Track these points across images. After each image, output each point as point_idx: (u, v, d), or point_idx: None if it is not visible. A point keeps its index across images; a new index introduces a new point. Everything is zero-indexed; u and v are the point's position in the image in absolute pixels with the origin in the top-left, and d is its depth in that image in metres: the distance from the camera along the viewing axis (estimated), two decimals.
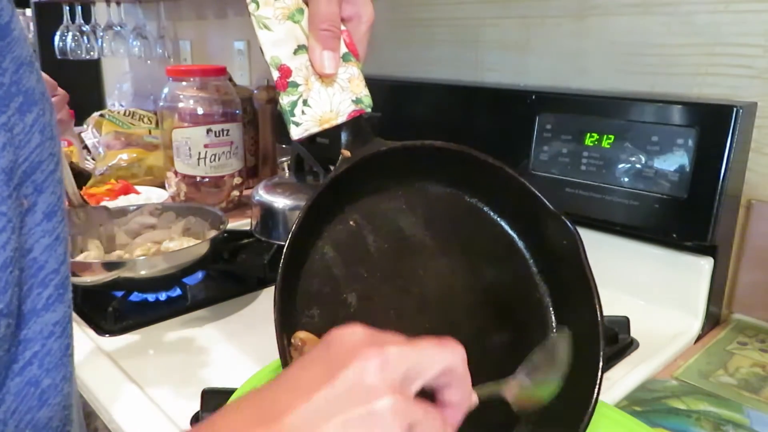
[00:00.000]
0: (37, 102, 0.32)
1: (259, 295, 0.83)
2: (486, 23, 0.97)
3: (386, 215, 0.50)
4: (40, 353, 0.32)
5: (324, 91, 0.45)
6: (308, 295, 0.47)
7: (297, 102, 0.44)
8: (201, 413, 0.56)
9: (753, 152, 0.72)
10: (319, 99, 0.45)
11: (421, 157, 0.49)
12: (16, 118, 0.30)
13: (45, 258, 0.32)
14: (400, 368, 0.29)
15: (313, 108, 0.45)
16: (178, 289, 0.82)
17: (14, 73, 0.30)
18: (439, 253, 0.51)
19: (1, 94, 0.29)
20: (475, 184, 0.51)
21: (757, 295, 0.73)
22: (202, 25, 1.70)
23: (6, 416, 0.31)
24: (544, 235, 0.50)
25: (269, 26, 0.45)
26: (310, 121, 0.45)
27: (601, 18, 0.83)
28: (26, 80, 0.31)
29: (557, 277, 0.50)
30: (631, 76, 0.81)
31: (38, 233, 0.32)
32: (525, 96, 0.84)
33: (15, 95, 0.30)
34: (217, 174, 1.14)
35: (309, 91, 0.45)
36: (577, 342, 0.45)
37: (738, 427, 0.54)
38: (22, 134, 0.31)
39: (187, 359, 0.68)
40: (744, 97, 0.71)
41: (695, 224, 0.69)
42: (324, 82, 0.45)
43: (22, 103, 0.31)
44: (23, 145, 0.31)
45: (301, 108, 0.45)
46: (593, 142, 0.77)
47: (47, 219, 0.32)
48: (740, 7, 0.71)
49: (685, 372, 0.63)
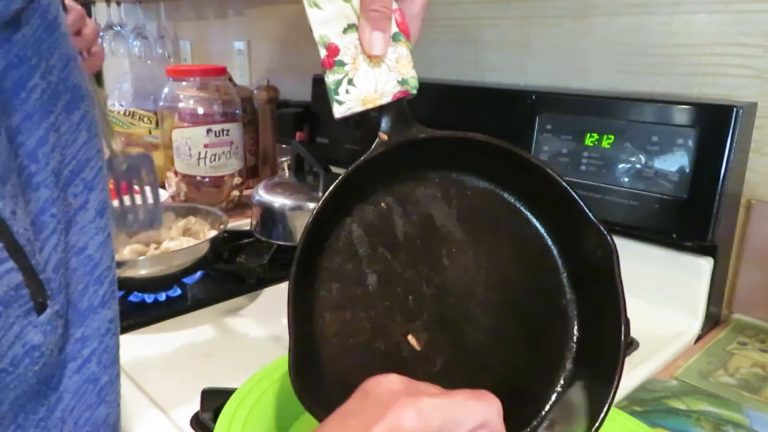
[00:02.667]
0: (83, 98, 0.31)
1: (259, 295, 0.83)
2: (486, 23, 0.97)
3: (419, 202, 0.50)
4: (98, 350, 0.32)
5: (370, 71, 0.44)
6: (329, 270, 0.48)
7: (342, 81, 0.44)
8: (201, 413, 0.56)
9: (753, 152, 0.72)
10: (364, 79, 0.44)
11: (462, 148, 0.49)
12: (63, 117, 0.30)
13: (99, 255, 0.32)
14: (436, 420, 0.28)
15: (357, 88, 0.44)
16: (178, 289, 0.82)
17: (61, 70, 0.30)
18: (468, 247, 0.50)
19: (49, 93, 0.29)
20: (515, 182, 0.50)
21: (757, 295, 0.73)
22: (202, 25, 1.70)
23: (64, 414, 0.31)
24: (580, 242, 0.48)
25: (319, 4, 0.44)
26: (354, 101, 0.45)
27: (601, 18, 0.83)
28: (72, 76, 0.31)
29: (586, 288, 0.49)
30: (631, 76, 0.81)
31: (92, 231, 0.32)
32: (525, 96, 0.84)
33: (62, 93, 0.30)
34: (217, 174, 1.14)
35: (355, 70, 0.44)
36: (595, 356, 0.45)
37: (738, 427, 0.54)
38: (68, 133, 0.30)
39: (186, 359, 0.68)
40: (744, 97, 0.71)
41: (695, 224, 0.69)
42: (371, 62, 0.44)
43: (69, 100, 0.30)
44: (70, 144, 0.30)
45: (345, 87, 0.44)
46: (593, 142, 0.77)
47: (99, 216, 0.32)
48: (740, 7, 0.71)
49: (685, 372, 0.63)
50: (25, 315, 0.27)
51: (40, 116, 0.28)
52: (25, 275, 0.27)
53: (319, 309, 0.47)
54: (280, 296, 0.84)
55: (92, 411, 0.32)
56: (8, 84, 0.27)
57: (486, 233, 0.51)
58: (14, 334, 0.27)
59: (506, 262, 0.50)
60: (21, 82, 0.27)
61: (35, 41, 0.28)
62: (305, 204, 0.92)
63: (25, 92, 0.27)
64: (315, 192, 0.93)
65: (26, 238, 0.27)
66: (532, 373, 0.48)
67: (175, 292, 0.82)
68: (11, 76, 0.27)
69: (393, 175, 0.49)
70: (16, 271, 0.26)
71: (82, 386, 0.32)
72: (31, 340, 0.27)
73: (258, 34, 1.49)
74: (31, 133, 0.28)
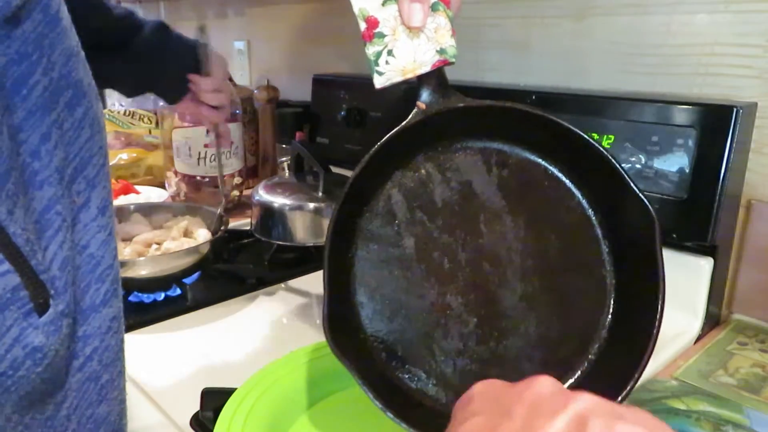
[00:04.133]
0: (85, 94, 0.31)
1: (259, 295, 0.83)
2: (486, 23, 0.97)
3: (459, 169, 0.51)
4: (99, 349, 0.32)
5: (410, 42, 0.45)
6: (368, 232, 0.50)
7: (381, 52, 0.45)
8: (201, 413, 0.56)
9: (753, 152, 0.72)
10: (404, 49, 0.45)
11: (502, 118, 0.50)
12: (65, 114, 0.29)
13: (101, 253, 0.32)
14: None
15: (397, 58, 0.45)
16: (178, 289, 0.82)
17: (63, 65, 0.29)
18: (506, 215, 0.51)
19: (51, 90, 0.28)
20: (556, 152, 0.51)
21: (757, 295, 0.73)
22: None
23: (69, 412, 0.31)
24: (622, 215, 0.49)
25: None
26: (393, 71, 0.46)
27: (601, 18, 0.83)
28: (75, 72, 0.30)
29: (625, 261, 0.50)
30: (631, 76, 0.81)
31: (94, 229, 0.31)
32: (525, 96, 0.84)
33: (64, 89, 0.29)
34: (217, 174, 1.14)
35: (395, 41, 0.45)
36: (630, 329, 0.46)
37: (738, 427, 0.54)
38: (72, 130, 0.30)
39: (186, 359, 0.68)
40: (744, 97, 0.71)
41: (695, 224, 0.69)
42: (411, 33, 0.45)
43: (71, 97, 0.30)
44: (73, 141, 0.30)
45: (385, 58, 0.45)
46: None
47: (101, 214, 0.32)
48: (740, 7, 0.71)
49: (685, 372, 0.63)
50: (25, 317, 0.27)
51: (42, 113, 0.28)
52: (23, 277, 0.26)
53: (357, 268, 0.49)
54: (280, 296, 0.84)
55: (93, 409, 0.32)
56: (8, 81, 0.26)
57: (526, 202, 0.51)
58: (12, 336, 0.26)
59: (545, 231, 0.51)
60: (22, 79, 0.27)
61: (36, 37, 0.27)
62: (305, 204, 0.92)
63: (26, 89, 0.27)
64: (315, 192, 0.93)
65: (24, 239, 0.27)
66: (564, 341, 0.49)
67: (175, 292, 0.82)
68: (12, 73, 0.26)
69: (433, 143, 0.51)
70: (12, 273, 0.26)
71: (83, 384, 0.32)
72: (32, 342, 0.27)
73: (258, 34, 1.49)
74: (33, 130, 0.27)
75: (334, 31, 1.23)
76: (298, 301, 0.83)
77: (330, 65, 1.24)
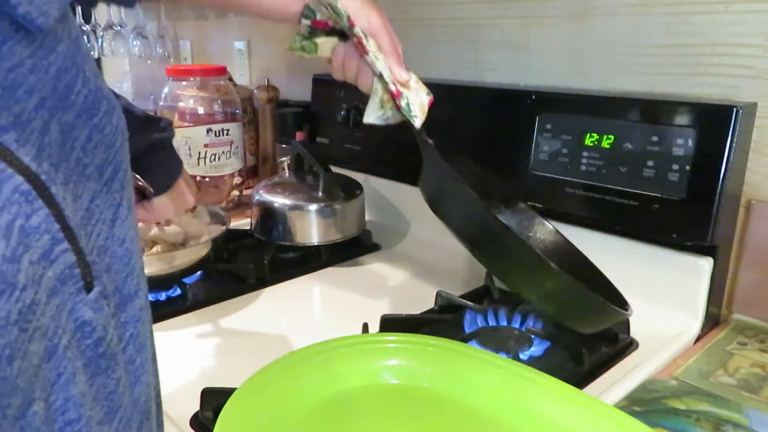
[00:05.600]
0: (115, 107, 0.35)
1: (259, 295, 0.83)
2: (486, 23, 0.97)
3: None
4: (134, 335, 0.36)
5: (414, 91, 0.65)
6: None
7: (408, 106, 0.64)
8: (201, 413, 0.56)
9: (753, 152, 0.72)
10: (415, 97, 0.64)
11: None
12: (105, 120, 0.34)
13: (133, 247, 0.36)
14: None
15: (415, 104, 0.64)
16: (178, 289, 0.82)
17: (95, 81, 0.34)
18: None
19: (91, 99, 0.33)
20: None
21: (757, 295, 0.73)
22: (202, 25, 1.70)
23: (123, 388, 0.35)
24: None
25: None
26: (419, 112, 0.64)
27: (601, 18, 0.83)
28: (105, 87, 0.34)
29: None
30: (631, 76, 0.81)
31: (127, 225, 0.36)
32: (525, 96, 0.84)
33: (101, 99, 0.33)
34: (217, 174, 1.14)
35: (407, 98, 0.64)
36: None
37: (737, 427, 0.54)
38: (111, 134, 0.34)
39: (186, 359, 0.68)
40: (744, 98, 0.71)
41: (695, 224, 0.69)
42: (407, 87, 0.64)
43: (107, 106, 0.34)
44: (112, 144, 0.34)
45: (409, 108, 0.64)
46: (593, 142, 0.77)
47: (130, 212, 0.36)
48: (740, 7, 0.71)
49: (685, 372, 0.63)
50: (78, 293, 0.31)
51: (87, 116, 0.32)
52: (77, 256, 0.30)
53: None
54: (280, 296, 0.84)
55: (132, 389, 0.36)
56: (61, 86, 0.31)
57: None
58: (68, 309, 0.30)
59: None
60: (69, 87, 0.31)
61: (71, 55, 0.32)
62: (305, 204, 0.92)
63: (74, 95, 0.31)
64: (315, 192, 0.93)
65: (75, 222, 0.31)
66: None
67: (175, 292, 0.82)
68: (63, 79, 0.31)
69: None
70: (70, 252, 0.30)
71: (126, 366, 0.36)
72: (83, 316, 0.31)
73: (258, 34, 1.49)
74: (81, 129, 0.32)
75: None
76: (298, 301, 0.83)
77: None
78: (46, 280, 0.28)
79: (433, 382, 0.58)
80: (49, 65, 0.30)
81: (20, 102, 0.28)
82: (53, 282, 0.29)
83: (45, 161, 0.29)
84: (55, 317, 0.29)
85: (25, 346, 0.27)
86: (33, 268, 0.27)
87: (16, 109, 0.28)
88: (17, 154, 0.27)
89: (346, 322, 0.71)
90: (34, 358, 0.28)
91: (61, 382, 0.30)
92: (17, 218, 0.27)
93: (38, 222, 0.28)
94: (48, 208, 0.28)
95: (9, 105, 0.28)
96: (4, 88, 0.28)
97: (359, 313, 0.74)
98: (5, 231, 0.26)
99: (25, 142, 0.28)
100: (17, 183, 0.27)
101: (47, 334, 0.29)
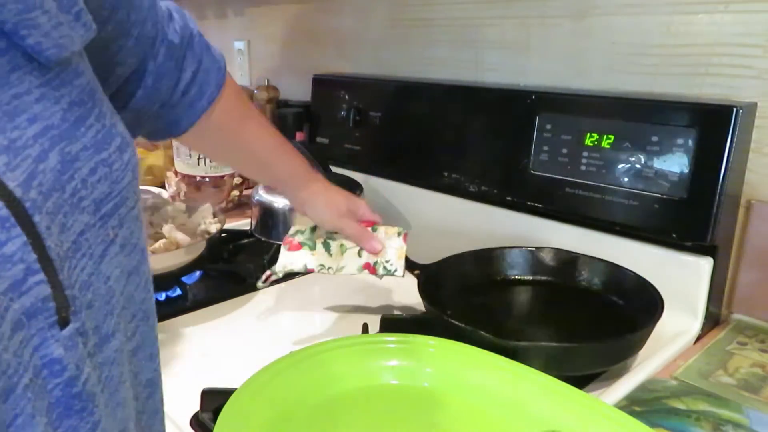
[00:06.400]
0: (129, 144, 0.35)
1: (259, 295, 0.83)
2: (486, 23, 0.97)
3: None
4: (108, 377, 0.34)
5: (388, 251, 0.69)
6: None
7: (385, 269, 0.68)
8: (201, 413, 0.56)
9: (753, 152, 0.72)
10: (391, 255, 0.68)
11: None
12: (115, 156, 0.33)
13: (117, 287, 0.35)
14: None
15: (391, 261, 0.68)
16: (178, 289, 0.82)
17: (111, 117, 0.34)
18: None
19: (104, 134, 0.33)
20: None
21: (757, 295, 0.73)
22: (202, 25, 1.70)
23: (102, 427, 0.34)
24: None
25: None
26: (397, 262, 0.68)
27: (601, 18, 0.83)
28: (120, 126, 0.35)
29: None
30: (631, 76, 0.81)
31: (115, 263, 0.34)
32: (525, 96, 0.84)
33: (115, 136, 0.34)
34: (217, 174, 1.14)
35: (383, 259, 0.68)
36: None
37: (737, 427, 0.54)
38: (119, 171, 0.34)
39: (186, 359, 0.68)
40: (744, 97, 0.71)
41: (695, 224, 0.69)
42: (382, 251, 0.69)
43: (120, 143, 0.34)
44: (118, 180, 0.34)
45: (386, 269, 0.68)
46: (593, 142, 0.77)
47: (123, 251, 0.35)
48: (740, 7, 0.71)
49: (685, 372, 0.63)
50: (49, 327, 0.28)
51: (95, 150, 0.32)
52: (53, 289, 0.28)
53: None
54: (280, 296, 0.84)
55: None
56: (72, 117, 0.31)
57: None
58: (34, 345, 0.28)
59: None
60: (81, 120, 0.32)
61: (90, 90, 0.33)
62: None
63: (84, 128, 0.32)
64: None
65: (57, 253, 0.29)
66: None
67: (175, 292, 0.82)
68: (74, 112, 0.31)
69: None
70: (45, 284, 0.28)
71: (108, 408, 0.34)
72: (51, 353, 0.29)
73: (258, 34, 1.49)
74: (86, 162, 0.31)
75: (334, 31, 1.23)
76: (297, 302, 0.83)
77: (330, 65, 1.24)
78: (12, 312, 0.27)
79: (433, 382, 0.58)
80: (61, 96, 0.31)
81: (19, 128, 0.28)
82: (19, 315, 0.27)
83: (34, 189, 0.28)
84: (17, 353, 0.27)
85: None
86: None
87: (12, 134, 0.28)
88: (2, 178, 0.27)
89: (345, 322, 0.71)
90: None
91: (17, 424, 0.27)
92: None
93: (13, 250, 0.26)
94: (26, 236, 0.27)
95: (5, 129, 0.27)
96: (4, 112, 0.28)
97: (359, 313, 0.74)
98: None
99: (15, 168, 0.27)
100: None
101: (7, 372, 0.27)
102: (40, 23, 0.29)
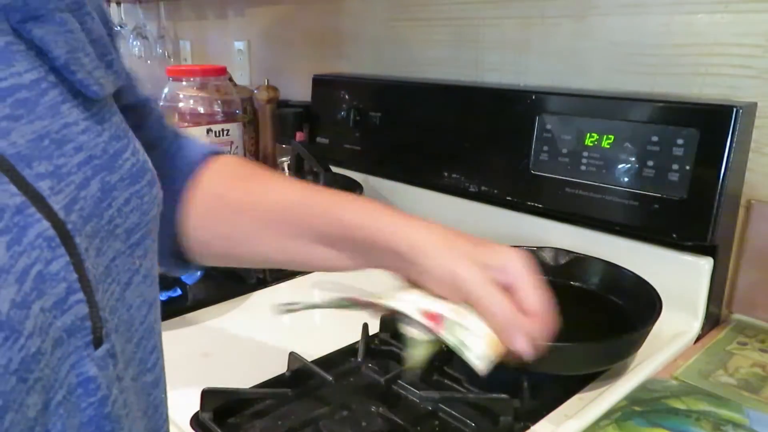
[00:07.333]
0: (156, 180, 0.38)
1: (259, 295, 0.83)
2: (486, 23, 0.97)
3: None
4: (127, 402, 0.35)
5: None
6: None
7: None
8: (201, 413, 0.56)
9: (753, 152, 0.72)
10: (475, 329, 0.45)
11: None
12: (146, 189, 0.36)
13: (137, 315, 0.36)
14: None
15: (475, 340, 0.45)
16: (178, 289, 0.82)
17: (143, 154, 0.37)
18: None
19: (138, 168, 0.35)
20: None
21: (757, 295, 0.73)
22: (202, 25, 1.70)
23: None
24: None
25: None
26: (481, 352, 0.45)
27: (601, 18, 0.83)
28: (149, 163, 0.37)
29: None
30: (631, 76, 0.81)
31: (136, 293, 0.36)
32: (525, 96, 0.84)
33: (147, 171, 0.36)
34: None
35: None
36: None
37: (738, 427, 0.54)
38: (148, 203, 0.36)
39: (186, 359, 0.68)
40: (744, 97, 0.71)
41: (695, 224, 0.69)
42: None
43: (150, 178, 0.36)
44: (147, 211, 0.36)
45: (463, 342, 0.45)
46: (593, 142, 0.77)
47: (144, 281, 0.37)
48: (740, 7, 0.71)
49: (685, 372, 0.63)
50: (86, 346, 0.29)
51: (130, 182, 0.34)
52: (90, 308, 0.29)
53: None
54: (280, 296, 0.84)
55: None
56: (111, 150, 0.33)
57: None
58: (71, 362, 0.29)
59: None
60: (119, 153, 0.34)
61: (124, 129, 0.36)
62: None
63: (121, 161, 0.34)
64: None
65: (93, 275, 0.30)
66: None
67: (175, 292, 0.82)
68: (114, 145, 0.34)
69: None
70: (84, 303, 0.29)
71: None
72: (87, 372, 0.29)
73: (258, 34, 1.49)
74: (122, 191, 0.33)
75: (334, 31, 1.23)
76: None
77: (330, 65, 1.24)
78: (54, 329, 0.27)
79: None
80: (102, 130, 0.33)
81: (65, 155, 0.30)
82: (60, 332, 0.28)
83: (75, 212, 0.29)
84: (55, 369, 0.28)
85: (22, 397, 0.26)
86: (43, 316, 0.27)
87: (59, 161, 0.29)
88: (48, 201, 0.28)
89: (346, 322, 0.71)
90: (31, 412, 0.26)
91: None
92: (36, 263, 0.26)
93: (57, 269, 0.27)
94: (69, 257, 0.28)
95: (53, 156, 0.29)
96: (53, 140, 0.29)
97: (359, 314, 0.74)
98: (20, 275, 0.26)
99: (59, 192, 0.29)
100: (43, 228, 0.27)
101: (45, 387, 0.27)
102: (84, 63, 0.32)
